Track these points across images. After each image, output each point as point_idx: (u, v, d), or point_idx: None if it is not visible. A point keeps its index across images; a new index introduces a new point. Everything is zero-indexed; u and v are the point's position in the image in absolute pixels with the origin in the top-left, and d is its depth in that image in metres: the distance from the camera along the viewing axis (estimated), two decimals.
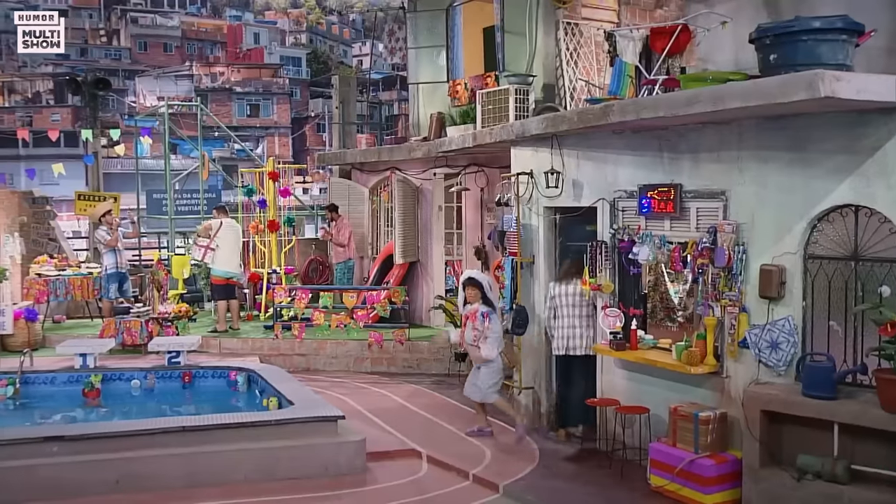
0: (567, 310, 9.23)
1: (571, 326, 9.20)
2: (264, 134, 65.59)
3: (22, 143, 41.53)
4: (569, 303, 9.22)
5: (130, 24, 79.03)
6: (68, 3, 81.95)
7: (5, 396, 10.68)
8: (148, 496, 7.70)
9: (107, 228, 14.58)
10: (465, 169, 13.76)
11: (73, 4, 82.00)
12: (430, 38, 15.21)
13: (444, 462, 8.62)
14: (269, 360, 12.85)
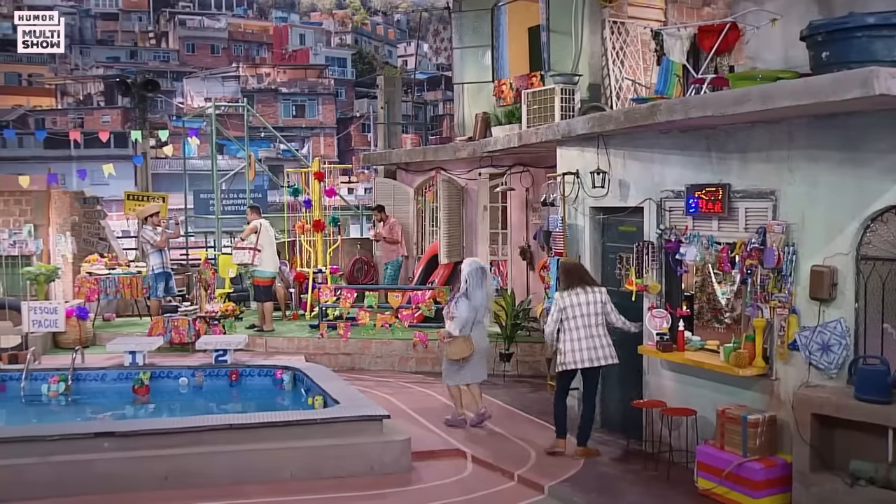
0: (582, 320, 8.52)
1: (590, 337, 8.52)
2: (310, 134, 66.02)
3: (74, 144, 42.20)
4: (583, 312, 8.52)
5: (178, 26, 80.00)
6: (118, 7, 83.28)
7: (58, 392, 10.86)
8: (195, 492, 7.77)
9: (153, 228, 14.75)
10: (511, 169, 13.73)
11: (123, 7, 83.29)
12: (475, 37, 15.22)
13: (489, 462, 8.61)
14: (314, 359, 12.92)
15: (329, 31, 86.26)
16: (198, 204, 19.40)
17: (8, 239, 16.03)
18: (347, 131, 63.75)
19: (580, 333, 8.54)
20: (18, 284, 15.52)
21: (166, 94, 61.22)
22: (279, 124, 57.15)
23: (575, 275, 8.75)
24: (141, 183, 19.11)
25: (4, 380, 11.08)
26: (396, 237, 15.68)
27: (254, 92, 65.41)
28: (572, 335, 8.55)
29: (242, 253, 14.34)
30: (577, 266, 8.99)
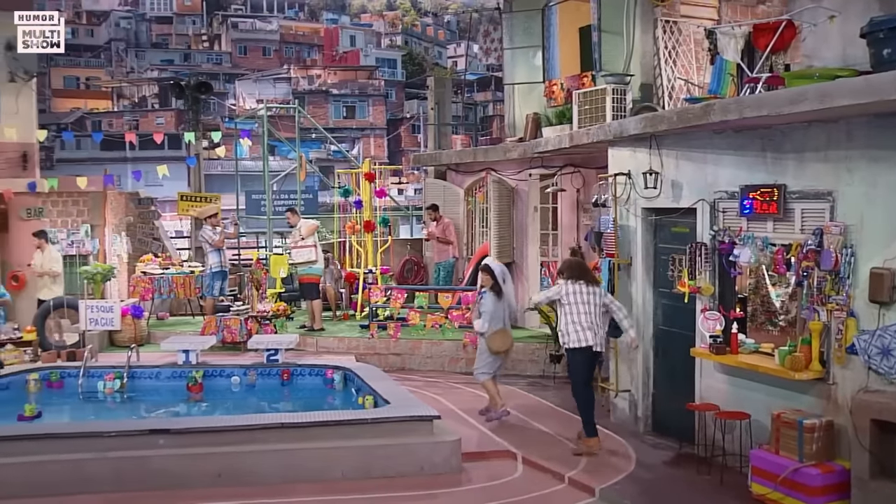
0: (585, 307, 8.89)
1: (591, 323, 8.87)
2: (360, 135, 66.39)
3: (129, 146, 42.89)
4: (585, 300, 8.92)
5: (231, 28, 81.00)
6: (173, 10, 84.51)
7: (113, 389, 11.03)
8: (247, 490, 7.85)
9: (212, 228, 14.93)
10: (561, 169, 13.66)
11: (177, 11, 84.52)
12: (525, 38, 15.17)
13: (540, 464, 8.58)
14: (364, 359, 12.99)
15: (379, 33, 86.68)
16: (249, 204, 19.59)
17: (66, 239, 16.34)
18: (397, 132, 64.04)
19: (581, 318, 8.88)
20: (76, 283, 15.81)
21: (219, 96, 62.00)
22: (330, 125, 57.54)
23: (579, 270, 9.21)
24: (194, 184, 19.37)
25: (63, 376, 11.31)
26: (450, 237, 15.69)
27: (305, 93, 65.98)
28: (573, 318, 8.90)
29: (307, 251, 14.42)
30: (581, 263, 9.54)
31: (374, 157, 45.90)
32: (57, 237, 15.99)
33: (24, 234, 16.27)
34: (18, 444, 7.97)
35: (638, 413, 9.76)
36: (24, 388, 10.98)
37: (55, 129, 47.46)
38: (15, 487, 7.63)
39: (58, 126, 51.36)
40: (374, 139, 66.92)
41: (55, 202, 17.81)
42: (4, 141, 17.03)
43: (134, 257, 17.45)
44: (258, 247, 20.76)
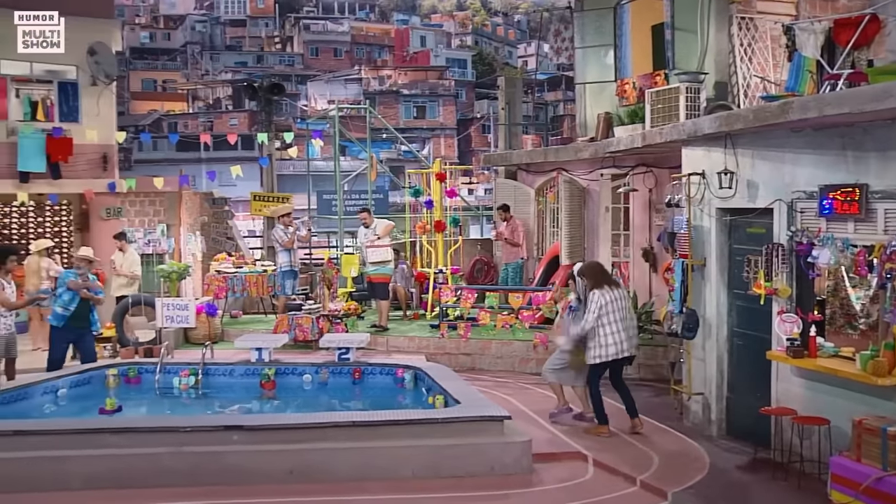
0: (618, 314, 9.24)
1: (624, 329, 9.27)
2: (430, 135, 66.63)
3: (203, 146, 43.78)
4: (618, 307, 9.27)
5: (303, 30, 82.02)
6: (246, 13, 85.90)
7: (188, 386, 11.23)
8: (319, 487, 7.91)
9: (283, 228, 15.12)
10: (633, 169, 13.53)
11: (250, 14, 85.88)
12: (597, 37, 15.06)
13: (611, 466, 8.48)
14: (434, 358, 13.02)
15: (449, 33, 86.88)
16: (321, 204, 19.82)
17: (143, 238, 16.73)
18: (468, 132, 64.11)
19: (618, 326, 9.23)
20: (153, 281, 16.19)
21: (291, 98, 62.86)
22: (400, 125, 57.90)
23: (604, 274, 9.58)
24: (266, 184, 19.65)
25: (140, 372, 11.54)
26: (518, 240, 15.62)
27: (375, 94, 66.47)
28: (612, 328, 9.21)
29: (382, 251, 14.51)
30: (602, 266, 9.92)
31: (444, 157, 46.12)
32: (134, 236, 16.36)
33: (105, 234, 16.74)
34: (101, 437, 8.18)
35: (711, 416, 9.60)
36: (104, 383, 11.23)
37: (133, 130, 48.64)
38: (98, 479, 7.83)
39: (136, 128, 52.64)
40: (445, 139, 67.10)
41: (133, 202, 18.31)
42: (86, 143, 17.54)
43: (208, 256, 17.79)
44: (329, 246, 20.97)
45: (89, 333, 11.76)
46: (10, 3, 16.88)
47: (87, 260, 11.86)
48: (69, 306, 11.32)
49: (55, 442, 8.13)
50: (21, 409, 9.90)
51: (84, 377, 11.13)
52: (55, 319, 11.41)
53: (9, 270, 11.12)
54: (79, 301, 11.34)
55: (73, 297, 11.34)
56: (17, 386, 10.30)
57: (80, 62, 17.84)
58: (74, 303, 11.33)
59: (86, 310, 11.41)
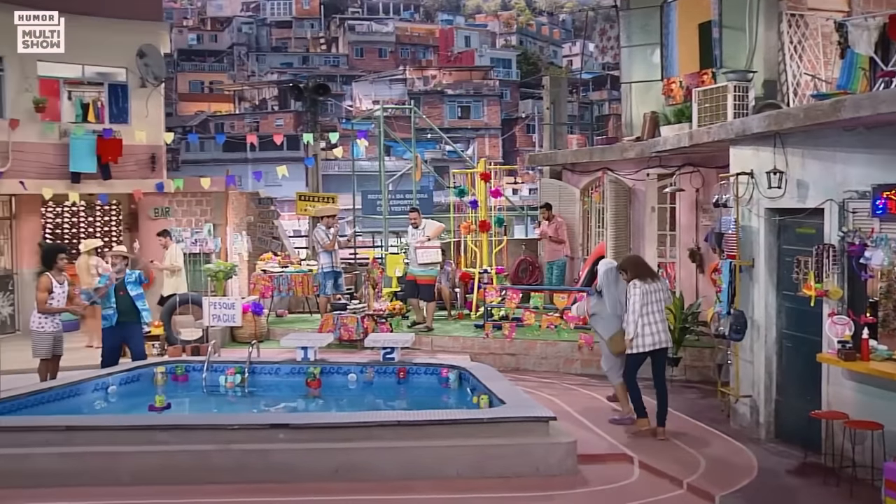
0: (656, 305, 9.39)
1: (661, 321, 9.44)
2: (474, 135, 66.62)
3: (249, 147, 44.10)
4: (657, 298, 9.41)
5: (348, 31, 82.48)
6: (292, 15, 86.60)
7: (234, 384, 11.34)
8: (364, 486, 7.95)
9: (325, 229, 15.18)
10: (680, 169, 13.40)
11: (296, 15, 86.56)
12: (643, 35, 14.93)
13: (657, 468, 8.41)
14: (479, 358, 13.01)
15: (494, 33, 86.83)
16: (365, 204, 19.89)
17: (190, 237, 16.92)
18: (512, 132, 63.99)
19: (656, 318, 9.37)
20: (200, 281, 16.37)
21: (336, 98, 63.19)
22: (445, 125, 57.93)
23: (644, 267, 9.71)
24: (311, 184, 19.77)
25: (188, 370, 11.68)
26: (562, 237, 15.59)
27: (420, 94, 66.60)
28: (650, 319, 9.33)
29: (433, 252, 14.52)
30: (642, 259, 10.13)
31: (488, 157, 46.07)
32: (181, 236, 16.55)
33: (153, 233, 16.96)
34: (151, 433, 8.30)
35: (759, 419, 9.48)
36: (152, 381, 11.40)
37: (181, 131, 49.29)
38: (148, 474, 7.96)
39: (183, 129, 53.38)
40: (489, 139, 67.05)
41: (180, 202, 18.53)
42: (135, 143, 17.80)
43: (254, 256, 17.94)
44: (374, 246, 21.05)
45: (139, 330, 11.93)
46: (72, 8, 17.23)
47: (122, 256, 12.02)
48: (107, 305, 11.51)
49: (106, 437, 8.28)
50: (73, 405, 10.09)
51: (133, 374, 11.30)
52: (104, 319, 11.62)
53: (61, 269, 11.33)
54: (116, 297, 11.51)
55: (108, 297, 11.52)
56: (69, 383, 10.47)
57: (129, 64, 18.12)
58: (110, 301, 11.51)
59: (128, 304, 11.55)
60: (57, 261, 11.30)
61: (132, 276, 11.69)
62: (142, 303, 11.72)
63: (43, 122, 17.11)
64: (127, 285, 11.57)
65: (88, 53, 17.78)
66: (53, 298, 11.15)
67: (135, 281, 11.66)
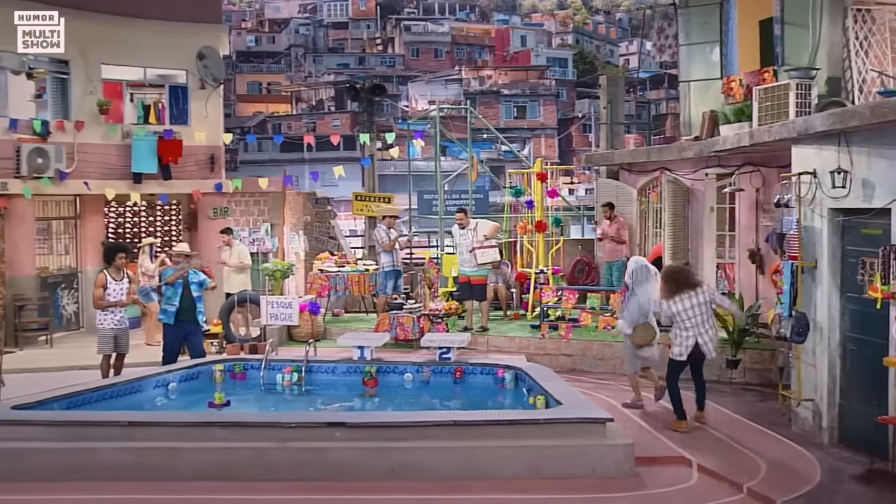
0: (693, 320, 9.54)
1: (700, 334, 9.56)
2: (530, 135, 66.45)
3: (307, 147, 44.56)
4: (695, 314, 9.54)
5: (404, 31, 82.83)
6: (348, 16, 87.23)
7: (291, 382, 11.44)
8: (420, 485, 7.96)
9: (385, 229, 15.23)
10: (739, 169, 13.21)
11: (352, 16, 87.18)
12: (702, 33, 14.75)
13: (716, 472, 8.29)
14: (534, 359, 12.95)
15: (550, 32, 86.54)
16: (421, 204, 19.93)
17: (248, 237, 17.11)
18: (568, 132, 63.67)
19: (696, 331, 9.52)
20: (258, 280, 16.55)
21: (392, 98, 63.47)
22: (500, 125, 57.90)
23: (684, 280, 9.72)
24: (368, 184, 19.88)
25: (246, 368, 11.81)
26: (623, 237, 15.43)
27: (476, 94, 66.62)
28: (690, 332, 9.53)
29: (492, 251, 14.48)
30: (682, 271, 10.16)
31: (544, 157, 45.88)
32: (239, 235, 16.74)
33: (212, 233, 17.21)
34: (210, 430, 8.42)
35: (822, 423, 9.29)
36: (211, 378, 11.55)
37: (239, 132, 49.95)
38: (207, 470, 8.06)
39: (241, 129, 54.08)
40: (545, 139, 66.83)
41: (238, 202, 18.75)
42: (194, 144, 18.07)
43: (311, 255, 18.09)
44: (430, 246, 21.08)
45: (198, 329, 12.12)
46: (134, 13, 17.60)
47: (185, 255, 12.19)
48: (172, 301, 11.71)
49: (167, 433, 8.41)
50: (134, 401, 10.28)
51: (192, 372, 11.48)
52: (164, 316, 11.82)
53: (119, 267, 11.54)
54: (181, 296, 11.71)
55: (175, 293, 11.72)
56: (131, 379, 10.67)
57: (189, 67, 18.40)
58: (176, 297, 11.71)
59: (190, 303, 11.76)
60: (116, 259, 11.52)
61: (197, 278, 11.89)
62: (201, 304, 11.95)
63: (106, 124, 17.46)
64: (191, 285, 11.78)
65: (150, 56, 18.13)
66: (109, 296, 11.37)
67: (198, 283, 11.87)
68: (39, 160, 15.97)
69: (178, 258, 12.19)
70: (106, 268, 11.60)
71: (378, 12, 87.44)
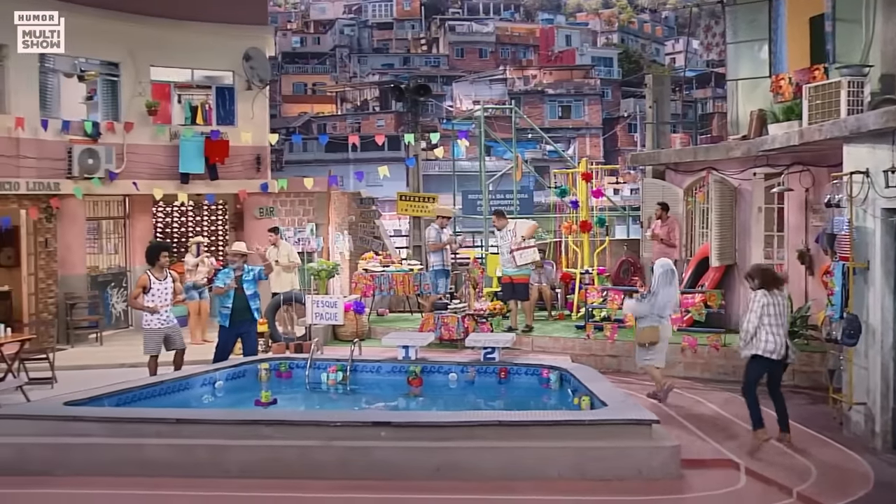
0: (778, 318, 9.14)
1: (782, 334, 9.15)
2: (575, 135, 66.19)
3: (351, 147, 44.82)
4: (779, 311, 9.19)
5: (448, 32, 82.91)
6: (393, 16, 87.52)
7: (335, 381, 11.49)
8: (465, 485, 7.94)
9: (438, 229, 15.21)
10: (788, 168, 13.01)
11: (397, 17, 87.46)
12: (750, 31, 14.56)
13: (765, 476, 8.16)
14: (579, 359, 12.89)
15: (595, 31, 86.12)
16: (466, 204, 19.92)
17: (293, 237, 17.23)
18: (613, 131, 63.32)
19: (777, 330, 9.11)
20: (303, 279, 16.67)
21: (437, 98, 63.57)
22: (545, 125, 57.74)
23: (771, 277, 9.40)
24: (412, 184, 19.92)
25: (291, 367, 11.90)
26: (673, 240, 15.22)
27: (520, 94, 66.55)
28: (772, 329, 9.09)
29: (531, 252, 14.43)
30: (771, 270, 9.84)
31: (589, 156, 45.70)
32: (285, 235, 16.87)
33: (257, 232, 17.36)
34: (257, 428, 8.48)
35: (875, 428, 9.11)
36: (256, 377, 11.65)
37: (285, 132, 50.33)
38: (254, 468, 8.13)
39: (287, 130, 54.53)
40: (590, 139, 66.54)
41: (284, 202, 18.93)
42: (241, 145, 18.24)
43: (355, 255, 18.17)
44: (475, 246, 21.06)
45: (254, 328, 12.23)
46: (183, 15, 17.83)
47: (241, 254, 12.27)
48: (226, 304, 11.83)
49: (213, 431, 8.49)
50: (182, 398, 10.40)
51: (239, 370, 11.59)
52: (221, 318, 11.94)
53: (162, 267, 11.65)
54: (234, 296, 11.81)
55: (228, 295, 11.82)
56: (178, 377, 10.80)
57: (236, 68, 18.58)
58: (229, 300, 11.82)
59: (243, 303, 11.87)
60: (159, 258, 11.63)
61: (250, 274, 11.99)
62: (255, 302, 12.03)
63: (154, 125, 17.69)
64: (244, 283, 11.89)
65: (197, 58, 18.36)
66: (153, 295, 11.48)
67: (252, 279, 11.95)
68: (90, 161, 16.24)
69: (235, 258, 12.21)
70: (149, 268, 11.72)
71: (423, 12, 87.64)
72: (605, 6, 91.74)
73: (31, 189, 15.67)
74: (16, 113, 15.47)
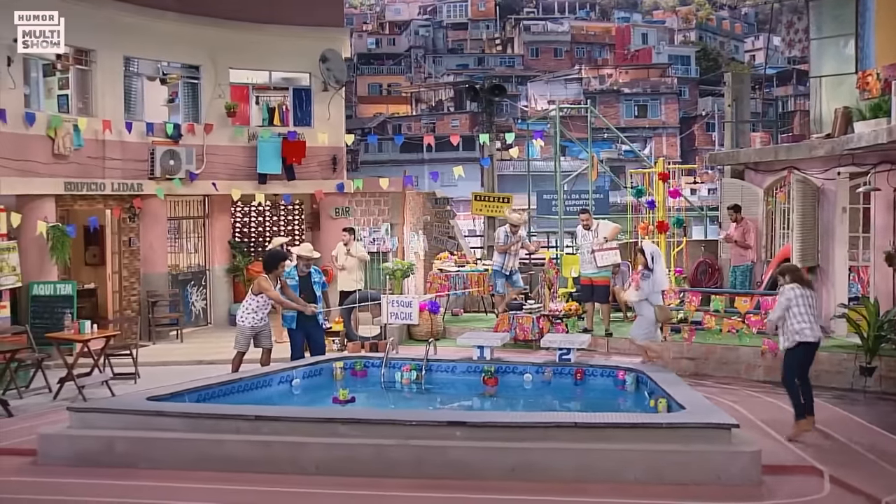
0: (807, 308, 9.43)
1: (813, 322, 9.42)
2: (651, 134, 65.46)
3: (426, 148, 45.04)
4: (808, 302, 9.47)
5: (523, 31, 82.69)
6: (468, 16, 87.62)
7: (410, 380, 11.53)
8: (540, 486, 7.87)
9: (507, 232, 15.17)
10: (875, 167, 12.65)
11: (471, 17, 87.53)
12: (835, 26, 14.22)
13: (850, 484, 7.91)
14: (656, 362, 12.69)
15: (672, 29, 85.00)
16: (540, 204, 19.82)
17: (368, 237, 17.37)
18: (690, 131, 62.40)
19: (808, 318, 9.38)
20: (378, 279, 16.78)
21: (511, 98, 63.44)
22: (621, 125, 57.24)
23: (800, 275, 9.79)
24: (487, 184, 19.90)
25: (366, 366, 11.99)
26: (749, 242, 14.92)
27: (596, 93, 66.09)
28: (803, 318, 9.38)
29: (612, 254, 14.25)
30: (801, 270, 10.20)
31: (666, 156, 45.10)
32: (360, 235, 17.00)
33: (333, 232, 17.55)
34: (333, 426, 8.54)
35: None
36: (332, 375, 11.76)
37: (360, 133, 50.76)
38: (330, 465, 8.19)
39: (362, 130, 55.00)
40: (667, 138, 65.70)
41: (359, 202, 19.11)
42: (317, 145, 18.46)
43: (430, 255, 18.23)
44: (550, 246, 20.96)
45: (319, 328, 12.34)
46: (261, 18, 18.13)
47: (309, 258, 12.30)
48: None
49: (291, 428, 8.58)
50: (260, 395, 10.55)
51: (315, 369, 11.71)
52: (286, 321, 12.08)
53: (277, 276, 11.76)
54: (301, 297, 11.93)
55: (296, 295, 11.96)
56: (257, 374, 10.96)
57: (312, 69, 18.79)
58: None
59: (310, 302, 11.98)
60: (278, 267, 11.73)
61: (317, 277, 12.13)
62: (321, 303, 12.16)
63: (233, 126, 18.00)
64: (314, 285, 12.02)
65: (275, 60, 18.63)
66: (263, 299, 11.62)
67: (318, 282, 12.11)
68: (171, 162, 16.60)
69: (299, 261, 12.27)
70: (266, 275, 11.77)
71: (497, 13, 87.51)
72: (683, 3, 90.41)
73: (116, 190, 16.08)
74: (102, 116, 15.88)
